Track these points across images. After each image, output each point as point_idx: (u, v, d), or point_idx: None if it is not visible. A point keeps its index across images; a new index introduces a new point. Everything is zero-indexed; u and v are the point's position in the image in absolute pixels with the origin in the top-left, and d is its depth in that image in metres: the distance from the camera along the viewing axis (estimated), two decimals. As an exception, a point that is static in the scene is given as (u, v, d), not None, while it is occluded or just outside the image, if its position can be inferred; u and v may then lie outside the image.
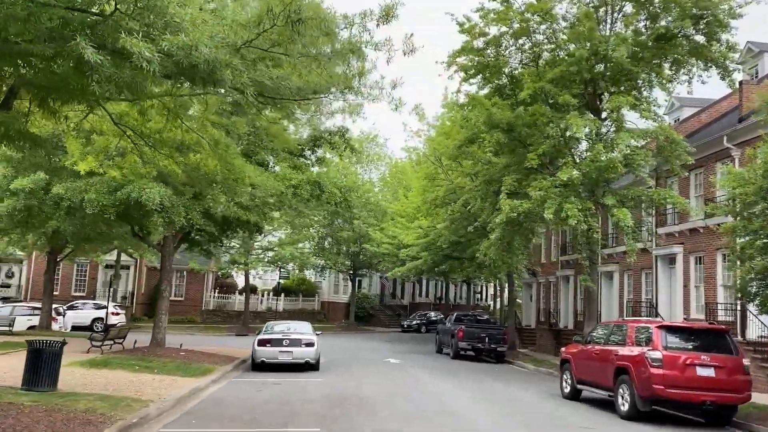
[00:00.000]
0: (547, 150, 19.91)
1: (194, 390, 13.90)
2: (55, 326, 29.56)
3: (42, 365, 11.64)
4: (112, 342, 20.86)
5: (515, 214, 18.81)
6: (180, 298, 46.12)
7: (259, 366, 19.13)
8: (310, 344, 19.16)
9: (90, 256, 36.71)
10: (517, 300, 40.96)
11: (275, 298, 51.49)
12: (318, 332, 21.76)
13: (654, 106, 20.65)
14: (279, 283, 46.77)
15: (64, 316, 30.78)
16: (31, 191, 18.81)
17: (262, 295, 51.69)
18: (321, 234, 47.45)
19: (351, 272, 50.07)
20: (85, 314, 37.06)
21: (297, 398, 13.94)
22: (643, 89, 21.18)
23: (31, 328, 28.00)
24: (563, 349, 17.52)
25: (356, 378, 18.33)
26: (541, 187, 18.90)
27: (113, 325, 38.62)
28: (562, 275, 32.83)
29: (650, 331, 13.35)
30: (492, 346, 27.21)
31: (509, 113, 20.46)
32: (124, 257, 41.93)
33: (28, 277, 42.81)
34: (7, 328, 25.65)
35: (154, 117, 10.82)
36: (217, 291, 49.30)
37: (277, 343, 19.07)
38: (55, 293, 43.58)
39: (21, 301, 36.71)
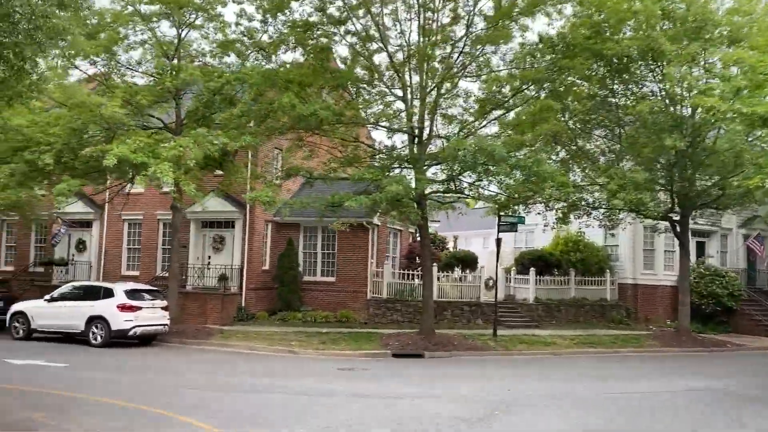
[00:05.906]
0: None
1: None
2: None
3: None
4: None
5: None
6: (331, 279, 25.08)
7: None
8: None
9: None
10: None
11: (520, 277, 26.91)
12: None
13: None
14: (498, 240, 21.79)
15: None
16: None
17: (508, 273, 27.16)
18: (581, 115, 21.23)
19: (676, 220, 22.67)
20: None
21: None
22: None
23: None
24: None
25: None
26: None
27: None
28: None
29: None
30: None
31: None
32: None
33: (100, 246, 26.62)
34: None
35: None
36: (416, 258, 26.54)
37: None
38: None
39: None
